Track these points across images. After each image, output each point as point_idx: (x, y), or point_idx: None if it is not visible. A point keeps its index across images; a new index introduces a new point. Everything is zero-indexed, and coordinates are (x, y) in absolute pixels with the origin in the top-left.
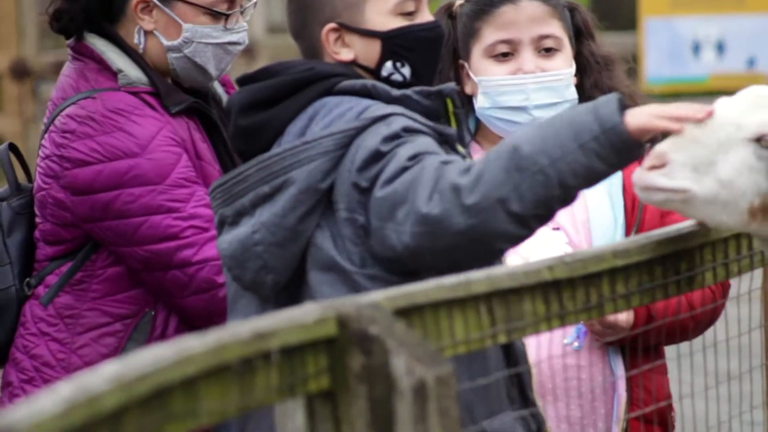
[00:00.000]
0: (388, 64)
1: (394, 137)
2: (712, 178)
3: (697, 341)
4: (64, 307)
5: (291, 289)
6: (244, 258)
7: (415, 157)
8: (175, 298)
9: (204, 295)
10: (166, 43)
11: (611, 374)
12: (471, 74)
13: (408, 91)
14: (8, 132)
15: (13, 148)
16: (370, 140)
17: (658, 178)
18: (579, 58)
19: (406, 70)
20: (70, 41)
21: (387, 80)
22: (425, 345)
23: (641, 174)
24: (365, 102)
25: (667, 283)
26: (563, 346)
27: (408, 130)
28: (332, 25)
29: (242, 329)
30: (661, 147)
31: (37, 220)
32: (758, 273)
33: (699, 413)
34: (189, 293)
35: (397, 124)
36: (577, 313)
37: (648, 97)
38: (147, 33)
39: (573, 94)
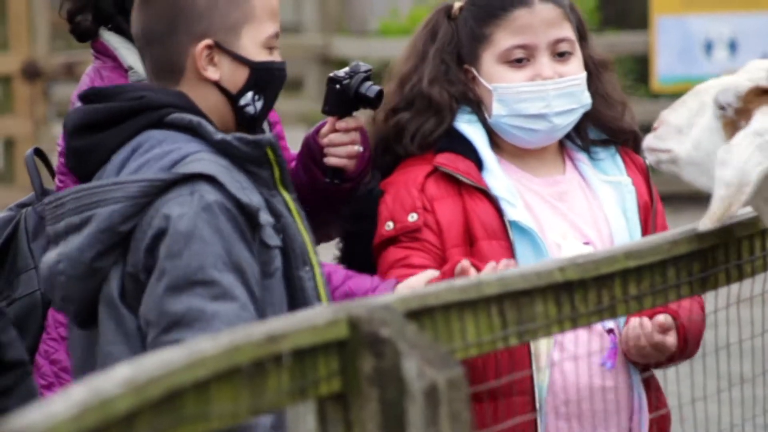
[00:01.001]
0: (249, 94)
1: (188, 236)
2: (690, 139)
3: (710, 344)
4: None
5: (94, 320)
6: (50, 284)
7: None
8: None
9: None
10: None
11: (636, 394)
12: (482, 80)
13: (228, 137)
14: (19, 133)
15: (39, 153)
16: (170, 210)
17: (652, 140)
18: None
19: (260, 104)
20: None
21: (241, 109)
22: (436, 347)
23: (647, 137)
24: (187, 148)
25: (680, 284)
26: (596, 366)
27: (207, 208)
28: (209, 41)
29: (254, 331)
30: (664, 111)
31: None
32: None
33: (711, 416)
34: None
35: (197, 199)
36: (589, 315)
37: (655, 99)
38: None
39: (588, 98)
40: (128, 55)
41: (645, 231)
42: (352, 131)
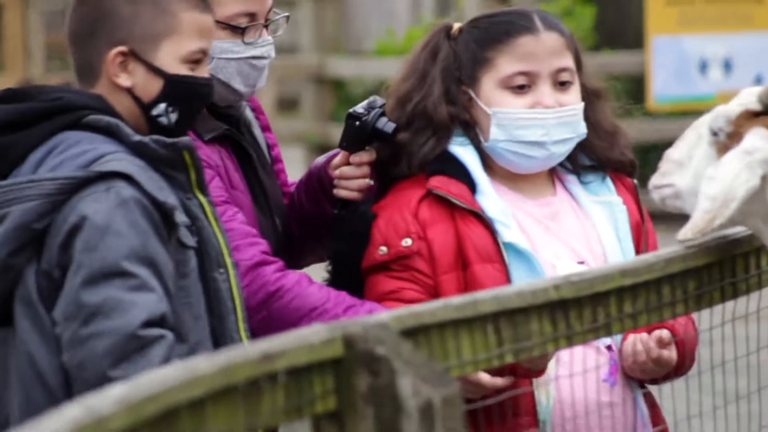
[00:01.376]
0: (162, 106)
1: (103, 229)
2: (690, 171)
3: (705, 361)
4: None
5: (8, 320)
6: None
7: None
8: None
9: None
10: None
11: (639, 410)
12: (480, 103)
13: (146, 139)
14: None
15: None
16: (85, 206)
17: (656, 178)
18: None
19: (174, 116)
20: None
21: (153, 119)
22: (432, 365)
23: (653, 177)
24: (104, 148)
25: (675, 302)
26: (599, 382)
27: (123, 203)
28: (122, 48)
29: (250, 350)
30: (668, 149)
31: None
32: (766, 291)
33: None
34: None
35: (113, 195)
36: (584, 333)
37: (652, 119)
38: None
39: (584, 128)
40: None
41: (637, 250)
42: (365, 165)
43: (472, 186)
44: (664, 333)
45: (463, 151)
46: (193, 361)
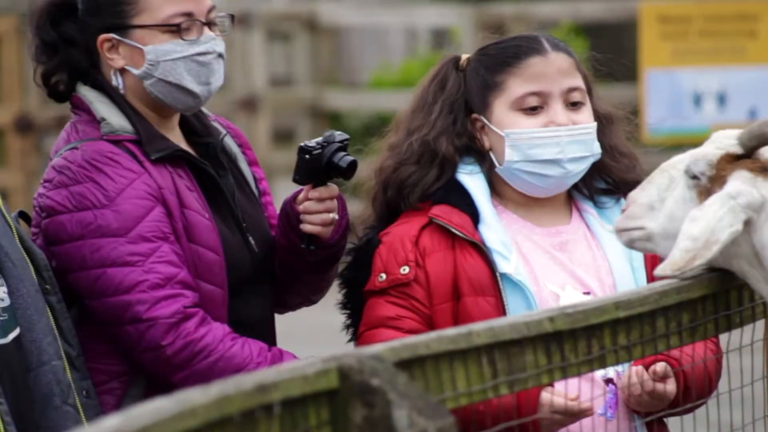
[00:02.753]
0: None
1: None
2: (663, 214)
3: None
4: None
5: None
6: None
7: None
8: (132, 355)
9: (151, 354)
10: (136, 72)
11: None
12: (493, 128)
13: None
14: (12, 186)
15: (23, 215)
16: None
17: (623, 220)
18: None
19: None
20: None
21: None
22: (427, 397)
23: (617, 220)
24: None
25: (669, 334)
26: (597, 417)
27: None
28: None
29: (244, 381)
30: (632, 192)
31: None
32: (760, 324)
33: None
34: (140, 351)
35: None
36: (579, 365)
37: (648, 150)
38: (122, 72)
39: (598, 148)
40: (102, 107)
41: (651, 280)
42: (327, 200)
43: (475, 216)
44: (659, 366)
45: (470, 179)
46: (187, 392)
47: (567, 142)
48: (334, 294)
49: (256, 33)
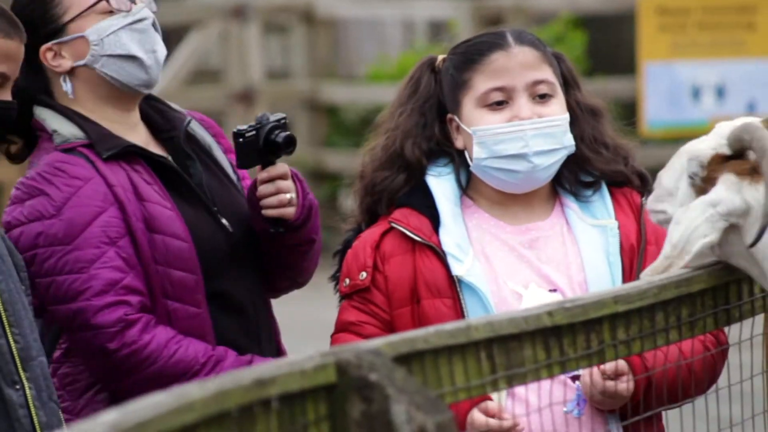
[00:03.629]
0: None
1: None
2: (678, 201)
3: None
4: (64, 376)
5: None
6: None
7: None
8: (85, 361)
9: (99, 360)
10: (85, 61)
11: None
12: (463, 126)
13: None
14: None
15: None
16: None
17: (651, 202)
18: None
19: None
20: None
21: None
22: (425, 392)
23: (648, 199)
24: None
25: (668, 328)
26: (563, 414)
27: None
28: None
29: (242, 376)
30: (660, 171)
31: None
32: (759, 318)
33: None
34: (89, 357)
35: None
36: (578, 359)
37: (644, 144)
38: (71, 74)
39: (570, 140)
40: (52, 121)
41: (629, 274)
42: (277, 179)
43: (436, 218)
44: (609, 365)
45: (436, 182)
46: (186, 387)
47: (531, 135)
48: (332, 289)
49: (253, 25)
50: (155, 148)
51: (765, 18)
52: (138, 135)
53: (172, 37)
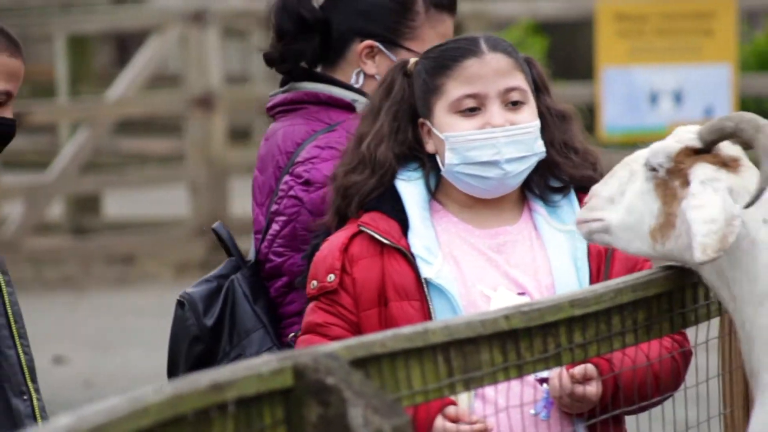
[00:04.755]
0: None
1: None
2: (622, 206)
3: None
4: None
5: None
6: None
7: None
8: None
9: None
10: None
11: None
12: (435, 131)
13: None
14: None
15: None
16: None
17: (583, 212)
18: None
19: None
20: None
21: None
22: (382, 395)
23: (578, 212)
24: None
25: (625, 332)
26: (530, 416)
27: None
28: None
29: (199, 380)
30: (595, 185)
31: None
32: (715, 322)
33: None
34: None
35: None
36: (534, 362)
37: (604, 149)
38: (366, 76)
39: (541, 147)
40: (343, 93)
41: (596, 279)
42: None
43: (405, 222)
44: (577, 369)
45: (405, 186)
46: (141, 391)
47: (504, 143)
48: None
49: (212, 30)
50: None
51: (722, 24)
52: None
53: (132, 41)
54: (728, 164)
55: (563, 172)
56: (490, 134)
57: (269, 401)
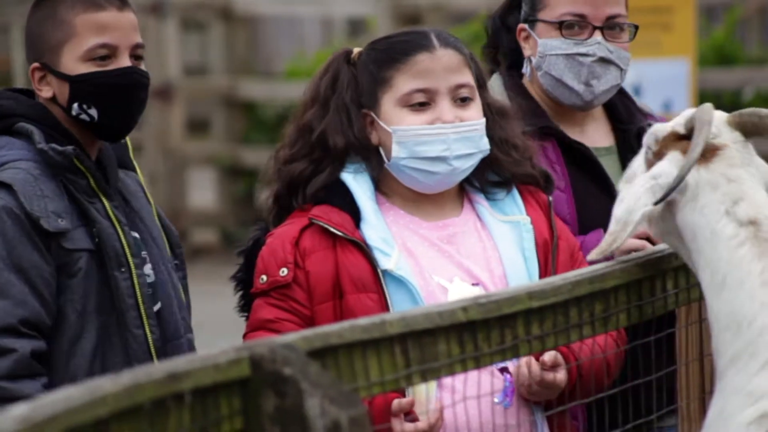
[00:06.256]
0: (75, 106)
1: None
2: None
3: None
4: None
5: None
6: None
7: None
8: None
9: None
10: (533, 61)
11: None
12: (381, 124)
13: (45, 147)
14: None
15: None
16: None
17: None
18: None
19: (94, 111)
20: None
21: (76, 118)
22: (339, 386)
23: None
24: (13, 155)
25: (582, 324)
26: (492, 405)
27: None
28: (36, 64)
29: (155, 370)
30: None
31: None
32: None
33: None
34: None
35: None
36: (492, 354)
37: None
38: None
39: (486, 144)
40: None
41: (545, 269)
42: None
43: (357, 215)
44: (547, 355)
45: (352, 179)
46: (98, 380)
47: (453, 139)
48: None
49: (171, 22)
50: (604, 135)
51: (681, 18)
52: (594, 120)
53: None
54: (704, 153)
55: (504, 169)
56: (441, 130)
57: (226, 392)
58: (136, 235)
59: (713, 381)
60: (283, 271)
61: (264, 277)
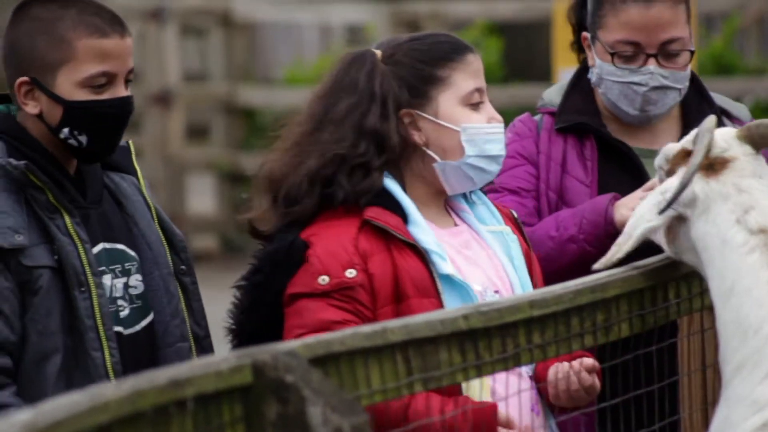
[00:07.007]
0: (66, 130)
1: None
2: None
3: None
4: None
5: None
6: None
7: None
8: None
9: None
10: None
11: None
12: (442, 122)
13: (3, 162)
14: None
15: None
16: None
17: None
18: None
19: (84, 138)
20: None
21: (63, 142)
22: (341, 394)
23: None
24: None
25: (584, 333)
26: (529, 411)
27: None
28: (25, 78)
29: (158, 376)
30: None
31: None
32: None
33: None
34: None
35: None
36: (493, 363)
37: None
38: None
39: None
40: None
41: (532, 279)
42: None
43: (404, 218)
44: (587, 361)
45: (391, 183)
46: (100, 387)
47: (503, 139)
48: None
49: (170, 28)
50: (675, 137)
51: None
52: (666, 121)
53: None
54: (714, 166)
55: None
56: (499, 129)
57: (228, 398)
58: (120, 246)
59: (716, 391)
60: (351, 272)
61: (326, 278)
